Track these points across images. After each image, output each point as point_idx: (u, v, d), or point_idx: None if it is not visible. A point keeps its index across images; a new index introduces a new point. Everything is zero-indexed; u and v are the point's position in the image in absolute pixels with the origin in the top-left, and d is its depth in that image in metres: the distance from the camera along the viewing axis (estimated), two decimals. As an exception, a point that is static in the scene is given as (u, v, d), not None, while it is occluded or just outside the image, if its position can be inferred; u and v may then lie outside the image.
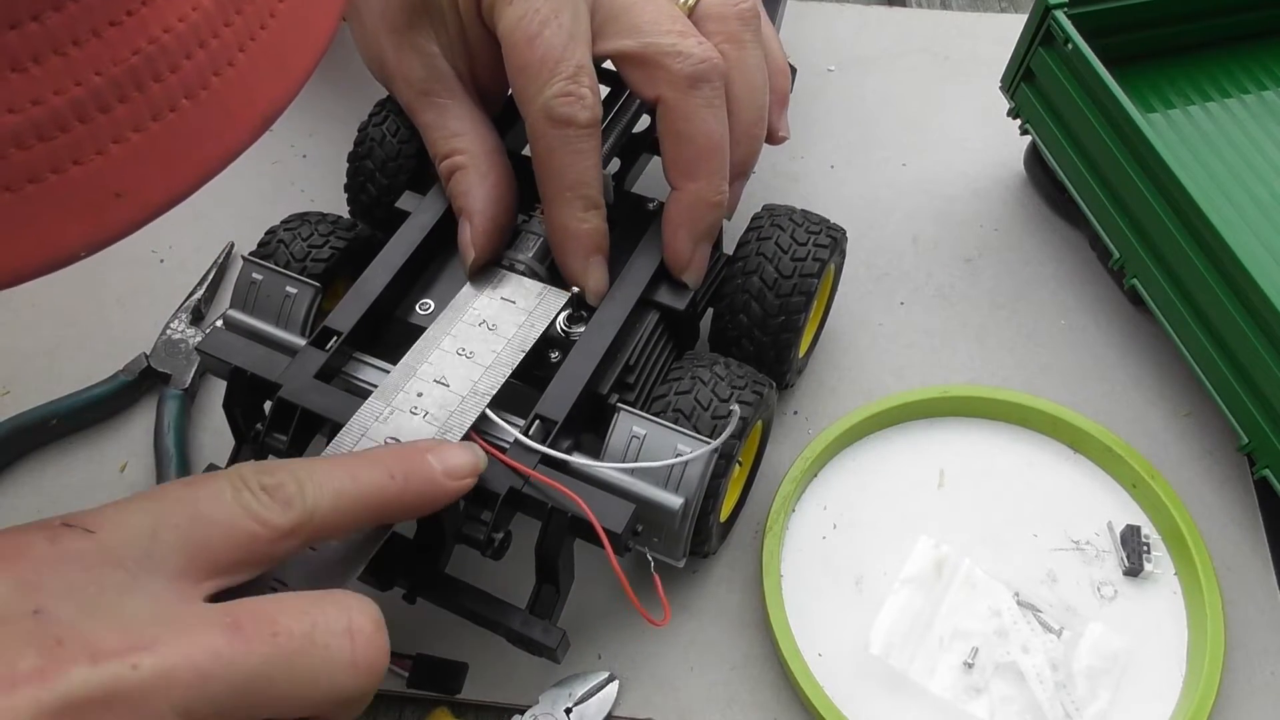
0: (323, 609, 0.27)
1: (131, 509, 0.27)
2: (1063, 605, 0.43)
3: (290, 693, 0.26)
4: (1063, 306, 0.53)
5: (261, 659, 0.25)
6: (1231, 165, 0.52)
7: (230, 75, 0.23)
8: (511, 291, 0.41)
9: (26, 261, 0.21)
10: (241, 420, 0.40)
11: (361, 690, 0.28)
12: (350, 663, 0.27)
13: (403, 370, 0.38)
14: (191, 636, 0.25)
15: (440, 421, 0.37)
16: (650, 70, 0.39)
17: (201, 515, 0.27)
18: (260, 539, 0.28)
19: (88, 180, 0.21)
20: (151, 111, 0.21)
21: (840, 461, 0.47)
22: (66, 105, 0.20)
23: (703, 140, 0.40)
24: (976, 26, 0.65)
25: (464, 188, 0.41)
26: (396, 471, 0.32)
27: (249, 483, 0.28)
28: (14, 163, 0.20)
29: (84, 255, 0.22)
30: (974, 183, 0.57)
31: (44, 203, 0.21)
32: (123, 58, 0.21)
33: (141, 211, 0.22)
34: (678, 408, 0.39)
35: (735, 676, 0.42)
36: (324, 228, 0.43)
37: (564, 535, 0.36)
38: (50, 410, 0.46)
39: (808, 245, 0.43)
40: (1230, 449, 0.47)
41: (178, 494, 0.28)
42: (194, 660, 0.25)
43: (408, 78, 0.43)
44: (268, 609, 0.27)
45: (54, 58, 0.20)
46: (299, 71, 0.25)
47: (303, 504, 0.29)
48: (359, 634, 0.27)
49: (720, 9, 0.42)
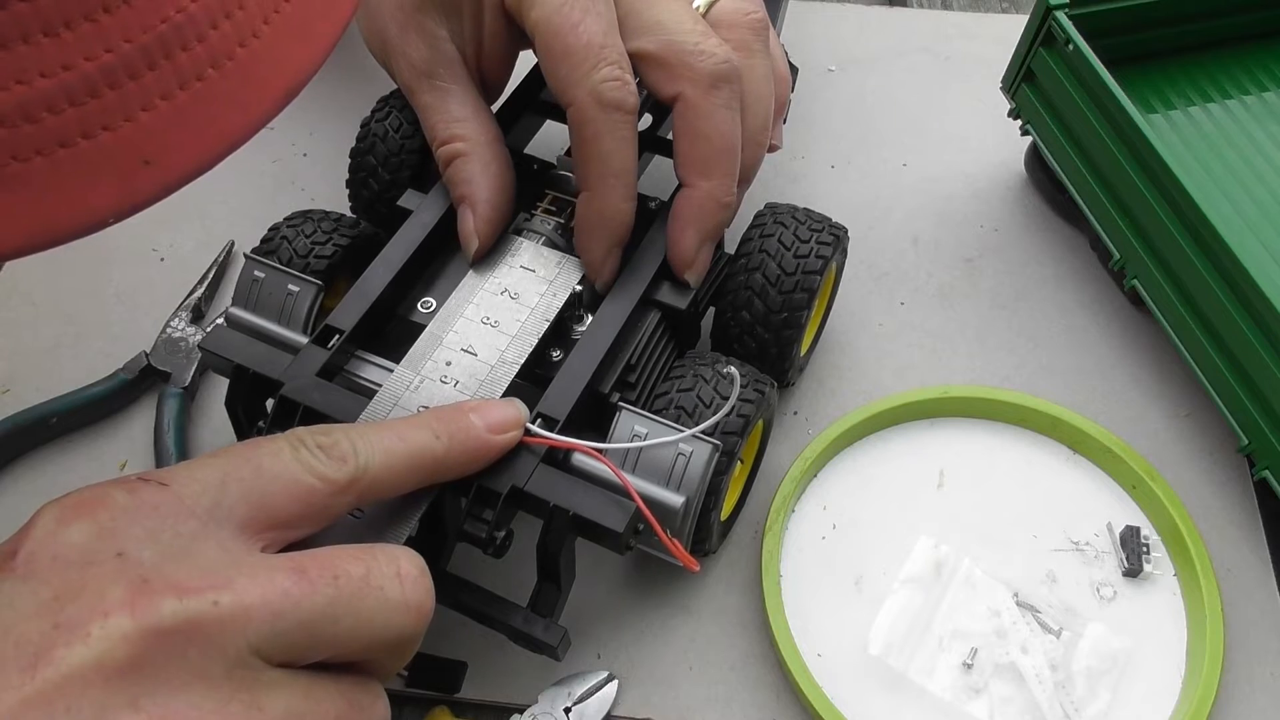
0: (374, 555, 0.29)
1: (200, 465, 0.29)
2: (1062, 606, 0.43)
3: (352, 631, 0.28)
4: (1063, 307, 0.53)
5: (326, 600, 0.27)
6: (1231, 165, 0.52)
7: (255, 46, 0.23)
8: (530, 260, 0.42)
9: (57, 225, 0.22)
10: (244, 418, 0.40)
11: (413, 630, 0.30)
12: (402, 603, 0.29)
13: (429, 339, 0.39)
14: (263, 578, 0.27)
15: (471, 391, 0.38)
16: (671, 69, 0.40)
17: (264, 470, 0.29)
18: (318, 493, 0.30)
19: (117, 146, 0.22)
20: (179, 80, 0.22)
21: (840, 462, 0.47)
22: (97, 71, 0.21)
23: (719, 140, 0.40)
24: (977, 27, 0.65)
25: (466, 175, 0.42)
26: (441, 432, 0.33)
27: (306, 442, 0.30)
28: (46, 127, 0.21)
29: (112, 221, 0.22)
30: (974, 183, 0.57)
31: (74, 167, 0.21)
32: (152, 25, 0.21)
33: (168, 178, 0.23)
34: (680, 405, 0.39)
35: (734, 676, 0.42)
36: (327, 225, 0.43)
37: (565, 533, 0.36)
38: (50, 408, 0.46)
39: (810, 243, 0.43)
40: (1230, 450, 0.47)
41: (242, 452, 0.30)
42: (267, 599, 0.26)
43: (410, 57, 0.43)
44: (327, 555, 0.28)
45: (85, 23, 0.20)
46: (322, 43, 0.25)
47: (356, 461, 0.31)
48: (406, 577, 0.29)
49: (732, 17, 0.42)
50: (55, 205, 0.21)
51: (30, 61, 0.20)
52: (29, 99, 0.20)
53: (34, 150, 0.21)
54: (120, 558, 0.26)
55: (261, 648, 0.26)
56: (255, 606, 0.26)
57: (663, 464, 0.37)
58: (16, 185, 0.21)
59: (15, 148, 0.20)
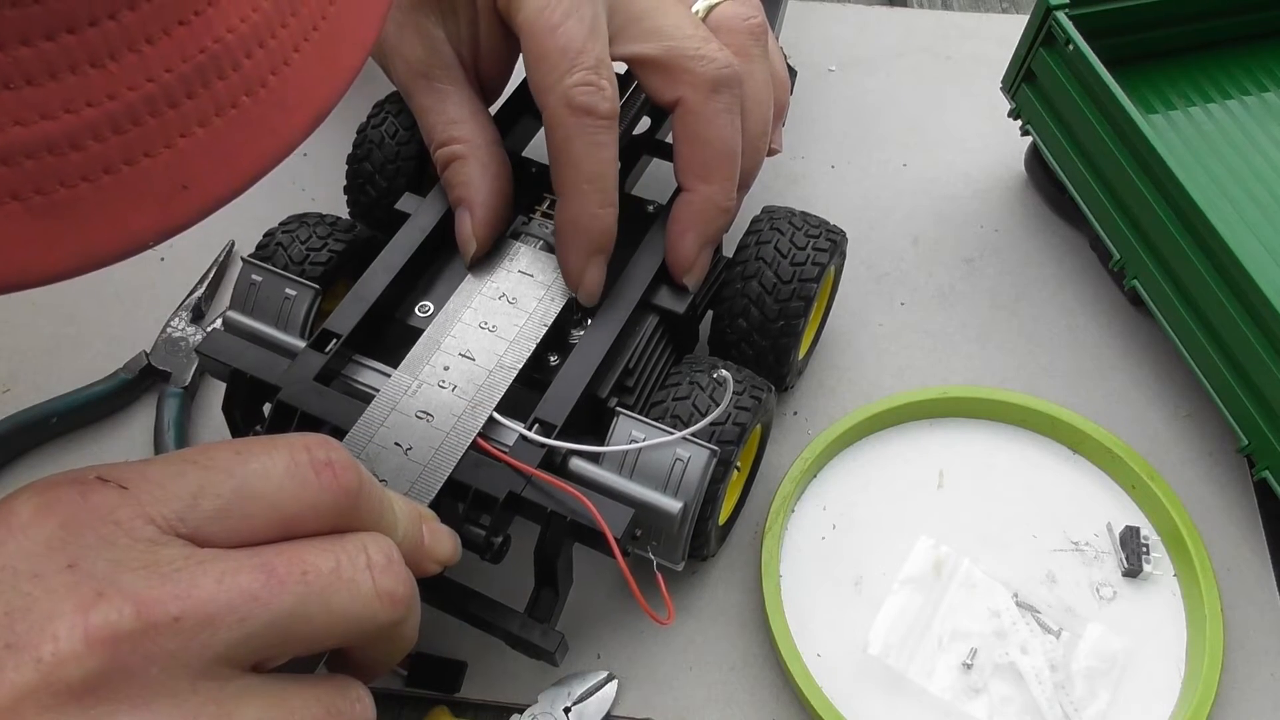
0: (342, 546, 0.28)
1: (173, 470, 0.27)
2: (1062, 606, 0.43)
3: (326, 627, 0.27)
4: (1063, 307, 0.52)
5: (296, 598, 0.26)
6: (1231, 166, 0.52)
7: (287, 74, 0.24)
8: (528, 264, 0.41)
9: (100, 249, 0.22)
10: (241, 422, 0.40)
11: (389, 618, 0.29)
12: (374, 593, 0.28)
13: (427, 343, 0.39)
14: (228, 582, 0.26)
15: (469, 396, 0.37)
16: (672, 74, 0.40)
17: (247, 490, 0.27)
18: (305, 522, 0.28)
19: (157, 172, 0.22)
20: (215, 107, 0.22)
21: (840, 462, 0.47)
22: (140, 100, 0.21)
23: (719, 145, 0.40)
24: (977, 27, 0.65)
25: (464, 178, 0.41)
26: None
27: (299, 459, 0.29)
28: (92, 154, 0.21)
29: (152, 244, 0.23)
30: (975, 183, 0.57)
31: (117, 193, 0.22)
32: (190, 55, 0.22)
33: (205, 202, 0.23)
34: (675, 414, 0.39)
35: (734, 677, 0.42)
36: (322, 230, 0.43)
37: (563, 539, 0.36)
38: (50, 408, 0.46)
39: (807, 249, 0.43)
40: (1230, 450, 0.47)
41: (226, 463, 0.27)
42: (233, 604, 0.25)
43: (407, 58, 0.43)
44: (294, 550, 0.27)
45: (129, 54, 0.21)
46: (348, 69, 0.26)
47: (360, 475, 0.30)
48: (376, 566, 0.28)
49: (731, 22, 0.42)
50: (99, 230, 0.22)
51: (78, 91, 0.21)
52: (77, 128, 0.21)
53: (80, 177, 0.21)
54: (72, 569, 0.24)
55: (229, 655, 0.25)
56: (220, 614, 0.25)
57: (660, 469, 0.37)
58: (63, 211, 0.21)
59: (63, 174, 0.21)
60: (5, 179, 0.21)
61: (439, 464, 0.36)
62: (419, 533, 0.32)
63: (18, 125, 0.20)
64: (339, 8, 0.25)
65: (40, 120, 0.20)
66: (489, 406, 0.37)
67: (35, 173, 0.21)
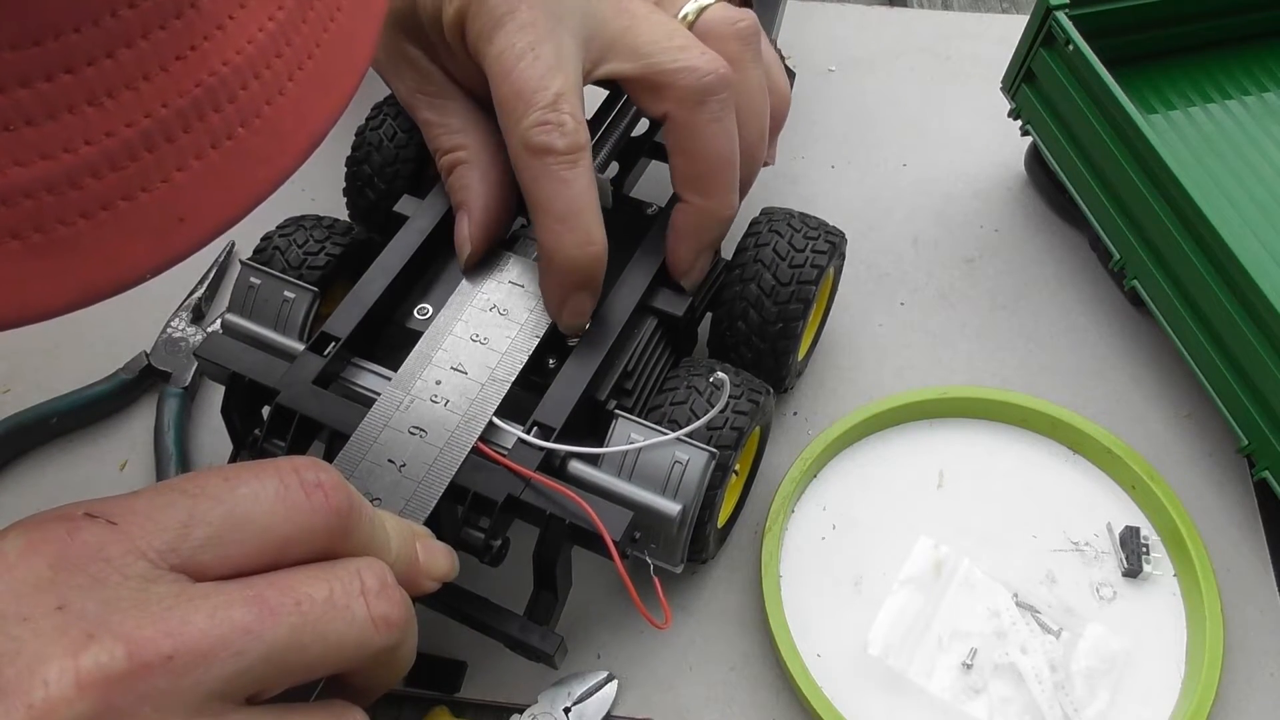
0: (335, 573, 0.28)
1: (162, 501, 0.27)
2: (1062, 606, 0.43)
3: (321, 655, 0.27)
4: (1063, 307, 0.52)
5: (289, 629, 0.26)
6: (1231, 166, 0.52)
7: (281, 103, 0.24)
8: (519, 275, 0.41)
9: (98, 285, 0.22)
10: (239, 425, 0.40)
11: (386, 643, 0.28)
12: (369, 620, 0.28)
13: (418, 358, 0.39)
14: (220, 616, 0.25)
15: (462, 410, 0.37)
16: (655, 90, 0.39)
17: (238, 516, 0.27)
18: (298, 545, 0.28)
19: (155, 206, 0.22)
20: (211, 140, 0.23)
21: (839, 462, 0.47)
22: (137, 136, 0.21)
23: (712, 157, 0.40)
24: (977, 27, 0.65)
25: (464, 182, 0.41)
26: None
27: (290, 483, 0.29)
28: (89, 192, 0.21)
29: (150, 276, 0.23)
30: (974, 183, 0.57)
31: (114, 229, 0.22)
32: (187, 90, 0.22)
33: (202, 233, 0.23)
34: (673, 419, 0.38)
35: (734, 677, 0.42)
36: (319, 233, 0.43)
37: (562, 542, 0.36)
38: (50, 408, 0.46)
39: (805, 251, 0.43)
40: (1230, 450, 0.47)
41: (215, 490, 0.27)
42: (227, 639, 0.25)
43: (404, 80, 0.43)
44: (287, 580, 0.27)
45: (126, 92, 0.21)
46: (342, 94, 0.26)
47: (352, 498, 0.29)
48: (369, 592, 0.28)
49: (719, 27, 0.42)
50: (97, 265, 0.22)
51: (77, 130, 0.21)
52: (76, 166, 0.21)
53: (78, 214, 0.21)
54: (61, 611, 0.24)
55: (224, 690, 0.25)
56: (214, 650, 0.25)
57: (659, 472, 0.37)
58: (63, 249, 0.21)
59: (61, 213, 0.21)
60: (5, 219, 0.21)
61: (433, 480, 0.36)
62: (413, 551, 0.32)
63: (17, 166, 0.20)
64: (331, 36, 0.25)
65: (39, 160, 0.20)
66: (483, 420, 0.37)
67: (35, 212, 0.21)
